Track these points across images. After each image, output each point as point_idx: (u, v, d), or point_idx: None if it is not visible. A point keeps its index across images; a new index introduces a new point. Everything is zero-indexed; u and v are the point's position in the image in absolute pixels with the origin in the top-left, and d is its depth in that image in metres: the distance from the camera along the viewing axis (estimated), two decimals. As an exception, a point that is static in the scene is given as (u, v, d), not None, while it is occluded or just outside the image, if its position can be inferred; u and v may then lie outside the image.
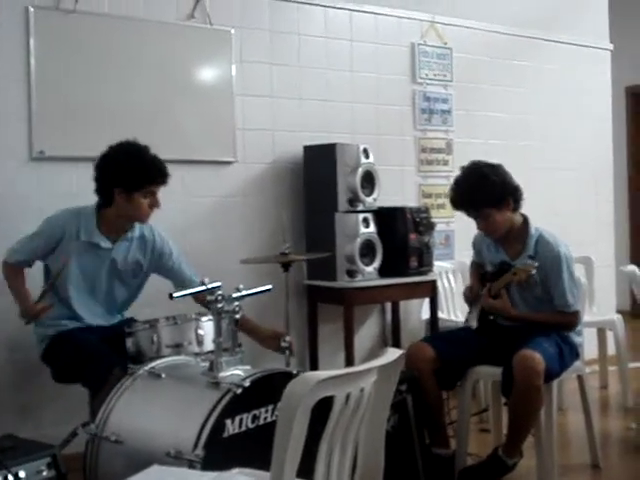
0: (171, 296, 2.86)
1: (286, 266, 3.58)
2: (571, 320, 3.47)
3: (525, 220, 3.55)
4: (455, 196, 3.57)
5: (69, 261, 3.22)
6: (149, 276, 3.52)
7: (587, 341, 3.80)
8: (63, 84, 3.82)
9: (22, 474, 2.54)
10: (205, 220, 4.30)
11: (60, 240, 3.26)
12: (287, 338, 3.23)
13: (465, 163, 3.61)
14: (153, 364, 2.88)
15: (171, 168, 3.29)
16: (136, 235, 3.40)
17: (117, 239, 3.35)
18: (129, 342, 3.05)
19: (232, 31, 4.37)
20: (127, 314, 3.53)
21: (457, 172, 3.63)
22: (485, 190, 3.43)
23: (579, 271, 4.35)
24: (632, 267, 4.13)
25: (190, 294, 3.03)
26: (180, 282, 3.47)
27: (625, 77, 7.42)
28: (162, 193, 3.30)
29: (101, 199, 3.29)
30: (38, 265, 3.38)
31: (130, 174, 3.19)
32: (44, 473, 2.62)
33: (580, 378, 3.67)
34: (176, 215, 3.99)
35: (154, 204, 3.27)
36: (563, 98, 5.85)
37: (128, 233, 3.37)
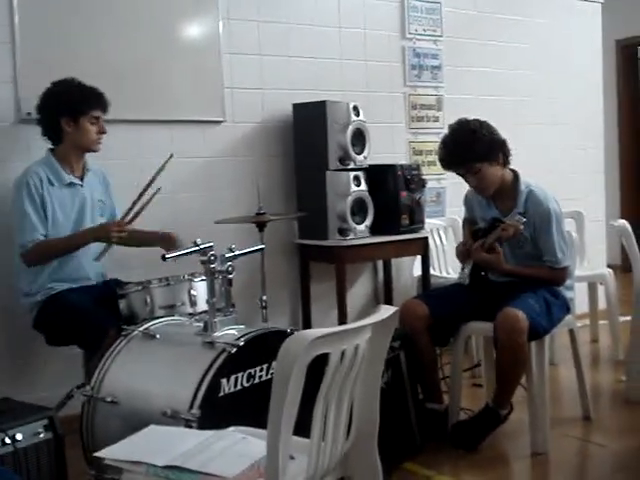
0: (164, 257, 2.85)
1: (261, 226, 3.74)
2: (560, 275, 3.48)
3: (515, 176, 3.54)
4: (444, 155, 3.54)
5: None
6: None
7: (578, 295, 3.82)
8: (48, 44, 3.74)
9: (19, 436, 2.56)
10: (194, 181, 4.26)
11: (43, 192, 3.28)
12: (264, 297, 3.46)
13: (455, 119, 3.59)
14: (147, 325, 2.88)
15: (158, 128, 3.27)
16: (94, 169, 3.50)
17: (82, 177, 3.44)
18: (122, 304, 3.06)
19: (218, -13, 4.30)
20: (113, 275, 3.52)
21: (447, 129, 3.61)
22: (475, 145, 3.41)
23: (570, 226, 4.37)
24: (622, 221, 4.13)
25: (183, 254, 3.02)
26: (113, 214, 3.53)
27: (616, 30, 7.38)
28: (151, 153, 3.29)
29: (51, 137, 3.39)
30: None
31: (72, 100, 3.32)
32: (41, 435, 2.64)
33: (571, 332, 3.68)
34: (164, 176, 3.93)
35: (101, 130, 3.39)
36: (554, 52, 5.81)
37: (87, 169, 3.47)
